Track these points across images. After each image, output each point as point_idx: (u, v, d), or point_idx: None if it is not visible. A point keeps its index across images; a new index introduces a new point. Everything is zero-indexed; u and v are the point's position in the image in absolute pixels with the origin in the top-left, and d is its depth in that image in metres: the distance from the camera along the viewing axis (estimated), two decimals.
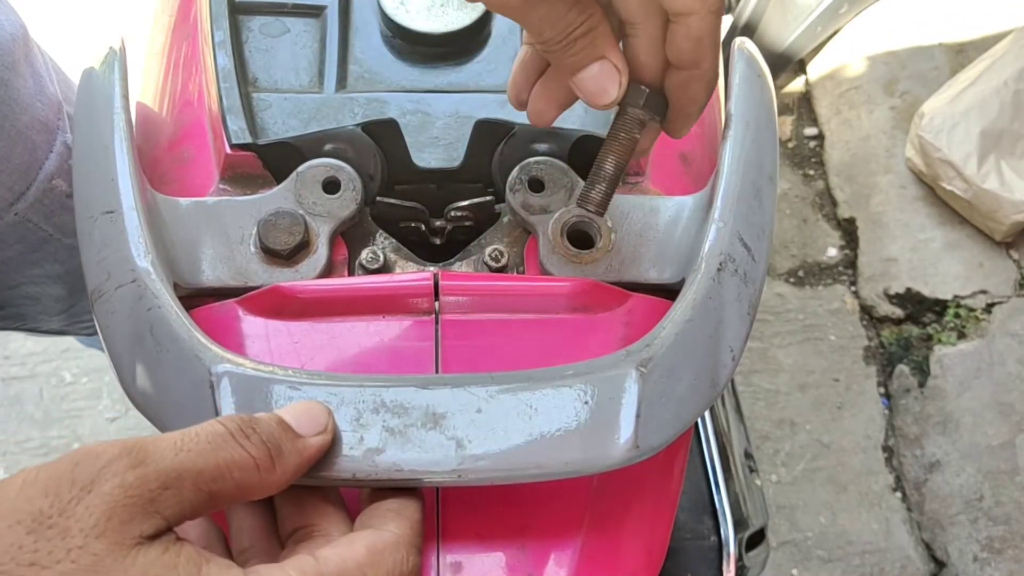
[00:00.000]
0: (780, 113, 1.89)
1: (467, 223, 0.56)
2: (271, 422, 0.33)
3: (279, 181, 0.52)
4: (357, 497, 0.40)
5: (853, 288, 1.69)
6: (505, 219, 0.54)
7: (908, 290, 1.64)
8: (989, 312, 1.61)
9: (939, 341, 1.60)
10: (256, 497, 0.32)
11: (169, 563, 0.27)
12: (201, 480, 0.30)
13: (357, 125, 0.52)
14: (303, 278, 0.49)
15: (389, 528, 0.34)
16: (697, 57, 0.39)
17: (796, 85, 1.94)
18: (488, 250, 0.52)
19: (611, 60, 0.39)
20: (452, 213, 0.55)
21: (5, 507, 0.27)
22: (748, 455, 0.80)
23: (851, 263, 1.72)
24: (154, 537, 0.28)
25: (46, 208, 0.71)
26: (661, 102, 0.43)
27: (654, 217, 0.51)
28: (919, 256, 1.67)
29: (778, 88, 1.92)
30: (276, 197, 0.50)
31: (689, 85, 0.41)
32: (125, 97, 0.48)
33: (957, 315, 1.62)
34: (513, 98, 0.46)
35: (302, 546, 0.35)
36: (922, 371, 1.57)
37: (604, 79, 0.40)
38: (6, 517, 0.27)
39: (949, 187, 1.62)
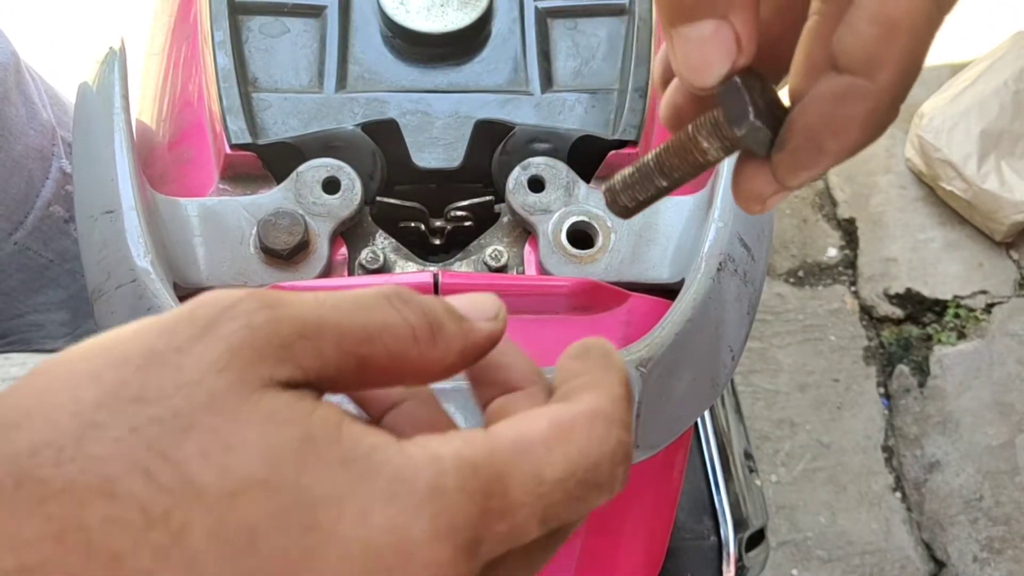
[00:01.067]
0: None
1: (467, 223, 0.56)
2: (434, 300, 0.27)
3: (279, 181, 0.52)
4: None
5: (853, 288, 1.69)
6: (505, 219, 0.54)
7: (908, 290, 1.64)
8: (989, 312, 1.61)
9: (939, 341, 1.60)
10: (414, 378, 0.26)
11: (302, 411, 0.22)
12: (345, 340, 0.24)
13: (357, 125, 0.52)
14: (303, 278, 0.49)
15: (582, 399, 0.26)
16: (876, 57, 0.27)
17: None
18: (488, 250, 0.52)
19: (734, 25, 0.27)
20: (452, 213, 0.55)
21: (116, 348, 0.23)
22: (748, 455, 0.80)
23: (851, 263, 1.72)
24: (287, 386, 0.23)
25: (45, 235, 0.71)
26: (767, 134, 0.28)
27: (654, 217, 0.51)
28: (919, 256, 1.67)
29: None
30: (276, 197, 0.50)
31: (844, 103, 0.27)
32: (125, 97, 0.48)
33: (957, 315, 1.62)
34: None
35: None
36: (922, 371, 1.57)
37: (713, 50, 0.27)
38: (115, 355, 0.22)
39: (949, 187, 1.62)
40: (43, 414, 0.21)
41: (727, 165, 0.48)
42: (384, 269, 0.51)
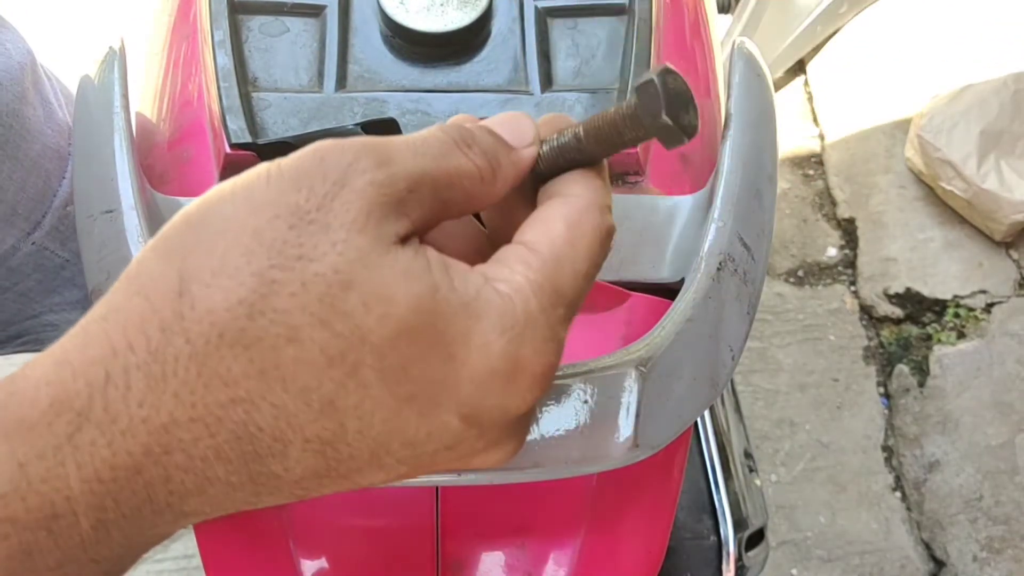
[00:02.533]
0: (780, 113, 1.89)
1: None
2: (486, 134, 0.31)
3: None
4: (353, 500, 0.40)
5: (853, 288, 1.69)
6: None
7: (908, 290, 1.64)
8: (989, 312, 1.61)
9: (939, 341, 1.60)
10: (477, 209, 0.31)
11: (423, 264, 0.27)
12: (437, 186, 0.29)
13: (357, 125, 0.52)
14: None
15: (575, 192, 0.31)
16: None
17: (796, 85, 1.94)
18: None
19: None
20: None
21: (259, 200, 0.26)
22: (748, 455, 0.80)
23: (851, 263, 1.72)
24: (404, 240, 0.27)
25: (62, 235, 0.71)
26: (676, 131, 0.30)
27: (654, 216, 0.51)
28: (919, 256, 1.67)
29: (778, 88, 1.92)
30: None
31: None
32: (125, 97, 0.48)
33: (957, 315, 1.62)
34: None
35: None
36: (922, 371, 1.57)
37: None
38: (263, 211, 0.26)
39: (949, 187, 1.62)
40: (228, 274, 0.25)
41: (726, 164, 0.48)
42: None
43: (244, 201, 0.27)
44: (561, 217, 0.30)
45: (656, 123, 0.29)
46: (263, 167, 0.27)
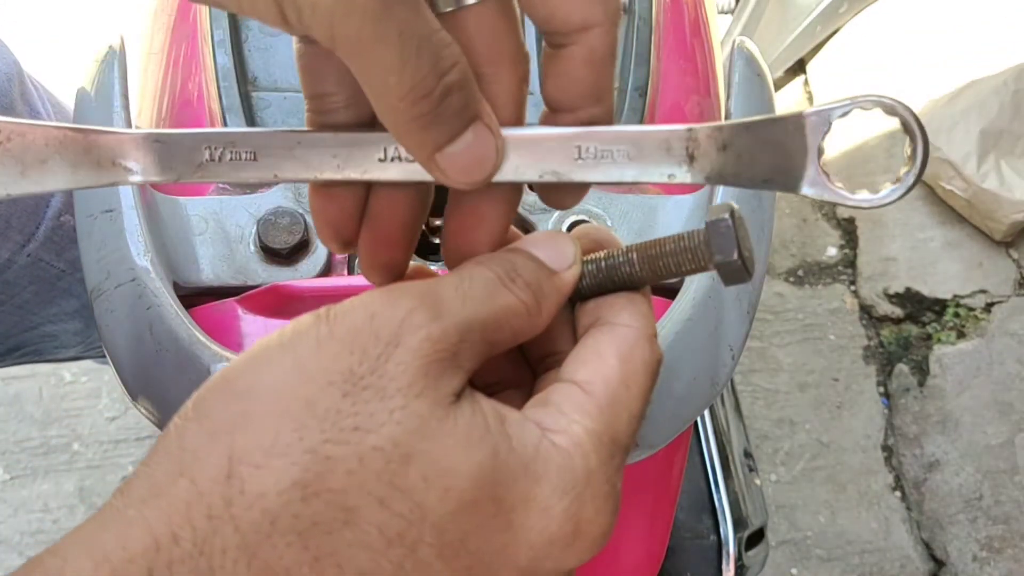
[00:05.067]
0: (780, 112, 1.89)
1: None
2: (528, 262, 0.30)
3: None
4: None
5: (852, 287, 1.69)
6: None
7: (907, 289, 1.64)
8: (988, 311, 1.61)
9: (938, 340, 1.60)
10: (522, 341, 0.30)
11: (482, 425, 0.26)
12: (486, 330, 0.28)
13: None
14: (303, 277, 0.49)
15: (624, 321, 0.30)
16: (600, 88, 0.30)
17: (796, 85, 1.94)
18: None
19: (483, 118, 0.28)
20: None
21: (310, 366, 0.25)
22: (747, 454, 0.80)
23: (850, 262, 1.72)
24: (460, 393, 0.26)
25: (56, 245, 0.71)
26: (741, 268, 0.30)
27: (654, 216, 0.51)
28: (918, 255, 1.67)
29: (778, 87, 1.92)
30: (275, 196, 0.50)
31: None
32: (125, 96, 0.48)
33: (956, 314, 1.62)
34: (332, 238, 0.32)
35: (551, 374, 0.31)
36: (921, 370, 1.57)
37: (481, 149, 0.28)
38: (315, 378, 0.25)
39: (949, 187, 1.62)
40: (279, 453, 0.24)
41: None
42: None
43: (293, 368, 0.25)
44: (614, 353, 0.29)
45: (726, 261, 0.29)
46: (311, 323, 0.26)
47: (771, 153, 0.29)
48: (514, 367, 0.34)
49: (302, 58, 0.29)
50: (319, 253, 0.49)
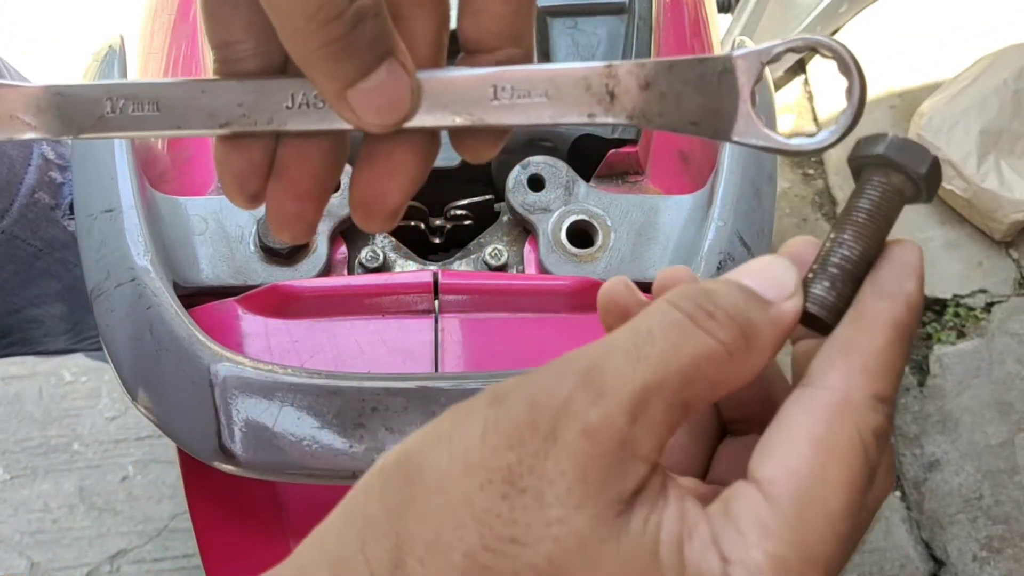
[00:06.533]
0: (780, 112, 1.89)
1: (466, 222, 0.55)
2: (732, 291, 0.24)
3: None
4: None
5: None
6: (504, 218, 0.54)
7: None
8: (988, 311, 1.61)
9: (938, 340, 1.60)
10: (724, 395, 0.24)
11: (649, 548, 0.22)
12: (669, 394, 0.23)
13: None
14: (303, 277, 0.49)
15: (828, 383, 0.24)
16: (518, 27, 0.28)
17: (796, 85, 1.94)
18: (488, 249, 0.52)
19: (399, 57, 0.27)
20: (451, 212, 0.55)
21: (473, 458, 0.23)
22: None
23: None
24: (638, 491, 0.23)
25: (31, 222, 0.71)
26: (921, 154, 0.28)
27: (654, 216, 0.51)
28: None
29: (778, 87, 1.92)
30: None
31: None
32: None
33: (956, 314, 1.62)
34: (238, 192, 0.30)
35: (732, 460, 0.28)
36: (921, 370, 1.57)
37: (395, 87, 0.27)
38: (475, 473, 0.23)
39: (948, 186, 1.62)
40: (440, 551, 0.23)
41: (726, 164, 0.48)
42: (384, 268, 0.51)
43: (459, 456, 0.23)
44: (805, 434, 0.23)
45: (926, 165, 0.27)
46: (483, 404, 0.24)
47: (699, 95, 0.27)
48: (764, 398, 0.28)
49: (207, 4, 0.27)
50: (319, 253, 0.49)
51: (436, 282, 0.46)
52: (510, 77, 0.28)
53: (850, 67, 0.26)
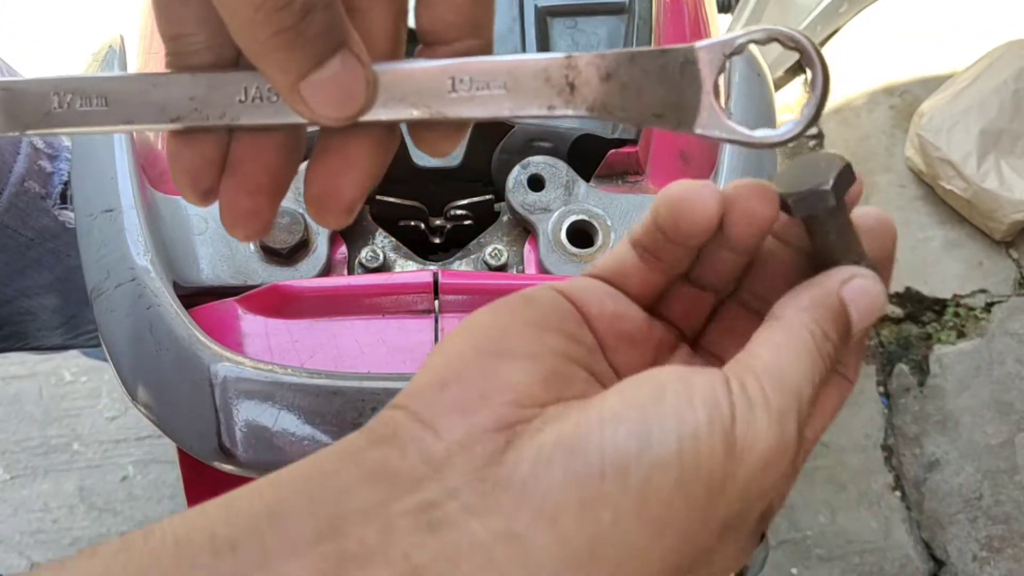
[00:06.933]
0: (780, 112, 1.89)
1: (466, 222, 0.55)
2: (841, 317, 0.28)
3: None
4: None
5: None
6: (504, 218, 0.54)
7: (908, 289, 1.64)
8: (988, 311, 1.61)
9: (938, 340, 1.60)
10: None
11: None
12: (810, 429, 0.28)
13: None
14: (303, 277, 0.49)
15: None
16: (478, 17, 0.28)
17: (796, 85, 1.94)
18: (488, 249, 0.52)
19: (352, 48, 0.26)
20: (451, 212, 0.55)
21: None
22: None
23: None
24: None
25: (21, 212, 0.71)
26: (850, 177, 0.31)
27: None
28: (919, 255, 1.67)
29: (778, 87, 1.92)
30: None
31: None
32: None
33: (956, 314, 1.62)
34: (190, 188, 0.29)
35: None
36: (921, 370, 1.57)
37: (349, 78, 0.26)
38: None
39: (949, 186, 1.62)
40: None
41: (727, 162, 0.48)
42: (384, 268, 0.51)
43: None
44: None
45: (830, 179, 0.30)
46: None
47: (661, 86, 0.27)
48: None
49: None
50: (319, 253, 0.49)
51: (436, 282, 0.46)
52: (468, 69, 0.28)
53: (813, 58, 0.26)
